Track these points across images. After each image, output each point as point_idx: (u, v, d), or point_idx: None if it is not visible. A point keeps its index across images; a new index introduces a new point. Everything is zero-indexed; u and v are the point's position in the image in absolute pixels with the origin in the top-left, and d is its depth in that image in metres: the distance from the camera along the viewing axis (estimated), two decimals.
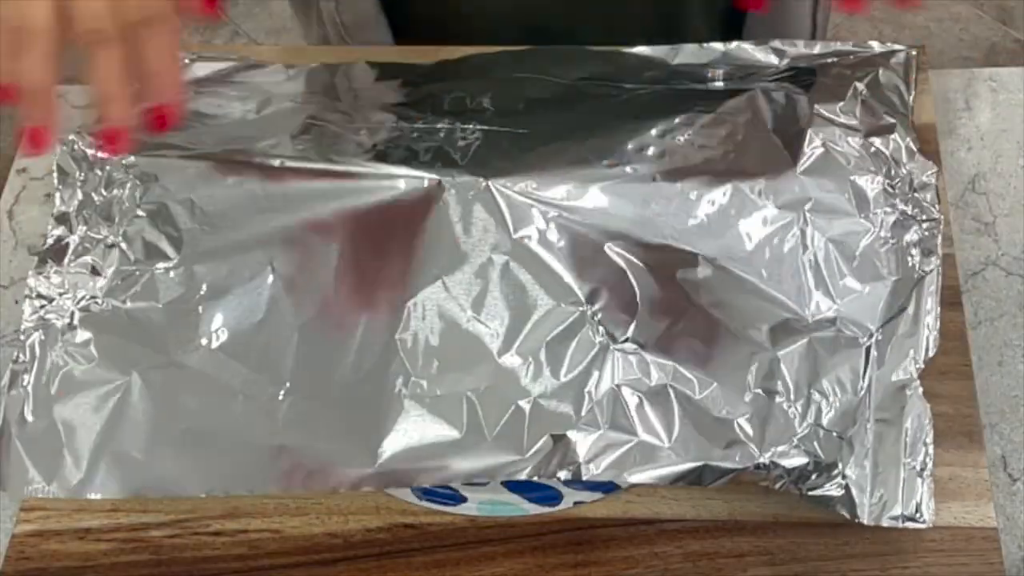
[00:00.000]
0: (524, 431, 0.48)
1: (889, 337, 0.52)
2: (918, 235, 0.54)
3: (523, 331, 0.50)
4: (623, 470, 0.48)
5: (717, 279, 0.52)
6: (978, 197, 0.62)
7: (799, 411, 0.49)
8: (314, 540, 0.51)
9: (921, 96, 0.63)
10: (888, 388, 0.51)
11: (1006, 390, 0.55)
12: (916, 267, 0.53)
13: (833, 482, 0.48)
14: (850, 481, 0.48)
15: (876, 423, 0.50)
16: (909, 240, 0.54)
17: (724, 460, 0.48)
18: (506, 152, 0.55)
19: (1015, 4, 1.74)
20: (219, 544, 0.51)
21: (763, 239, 0.53)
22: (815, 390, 0.50)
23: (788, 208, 0.54)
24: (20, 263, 0.63)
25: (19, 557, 0.51)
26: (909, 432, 0.50)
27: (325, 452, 0.49)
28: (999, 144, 0.64)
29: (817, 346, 0.51)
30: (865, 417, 0.49)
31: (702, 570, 0.49)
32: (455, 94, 0.60)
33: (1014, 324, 0.57)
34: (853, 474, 0.48)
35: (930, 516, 0.48)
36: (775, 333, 0.51)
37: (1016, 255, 0.59)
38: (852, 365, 0.50)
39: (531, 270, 0.51)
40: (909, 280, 0.53)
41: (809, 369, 0.50)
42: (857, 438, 0.49)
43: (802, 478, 0.48)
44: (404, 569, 0.50)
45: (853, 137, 0.56)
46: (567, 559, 0.50)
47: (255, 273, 0.52)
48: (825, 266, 0.53)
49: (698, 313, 0.51)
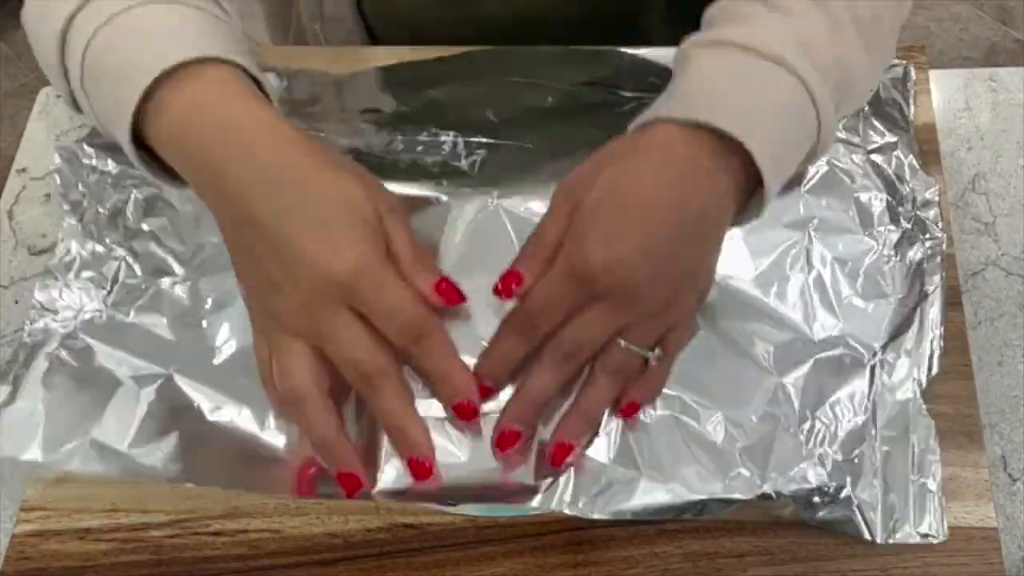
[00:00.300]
0: (532, 460, 0.48)
1: (894, 356, 0.52)
2: (921, 254, 0.54)
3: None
4: (625, 504, 0.47)
5: (722, 299, 0.52)
6: (978, 197, 0.62)
7: (804, 436, 0.49)
8: (314, 540, 0.51)
9: (921, 96, 0.63)
10: (893, 407, 0.51)
11: (1006, 390, 0.55)
12: (920, 285, 0.53)
13: (841, 505, 0.48)
14: (861, 503, 0.48)
15: (883, 442, 0.50)
16: (912, 258, 0.54)
17: (728, 492, 0.48)
18: (513, 168, 0.54)
19: (1015, 4, 1.74)
20: (219, 544, 0.51)
21: (769, 259, 0.53)
22: (820, 413, 0.50)
23: (793, 227, 0.54)
24: (20, 263, 0.63)
25: (19, 557, 0.51)
26: (916, 449, 0.50)
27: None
28: (999, 144, 0.64)
29: (822, 367, 0.51)
30: (872, 436, 0.49)
31: (702, 570, 0.49)
32: (456, 101, 0.60)
33: (1014, 324, 0.57)
34: (864, 495, 0.48)
35: (944, 532, 0.48)
36: (780, 355, 0.51)
37: (1016, 255, 0.59)
38: (857, 385, 0.50)
39: None
40: (913, 298, 0.53)
41: (815, 392, 0.50)
42: (865, 458, 0.49)
43: (810, 505, 0.48)
44: (404, 569, 0.50)
45: (856, 154, 0.56)
46: (567, 559, 0.50)
47: None
48: (831, 285, 0.53)
49: (704, 336, 0.51)
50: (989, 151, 0.64)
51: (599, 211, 0.44)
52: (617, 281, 0.43)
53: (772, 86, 0.44)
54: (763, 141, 0.44)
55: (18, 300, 0.61)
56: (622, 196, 0.44)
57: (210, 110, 0.44)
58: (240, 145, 0.44)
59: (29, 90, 1.76)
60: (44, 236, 0.64)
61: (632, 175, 0.44)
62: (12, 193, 0.66)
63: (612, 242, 0.43)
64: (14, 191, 0.66)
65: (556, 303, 0.45)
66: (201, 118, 0.44)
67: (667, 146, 0.44)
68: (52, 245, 0.64)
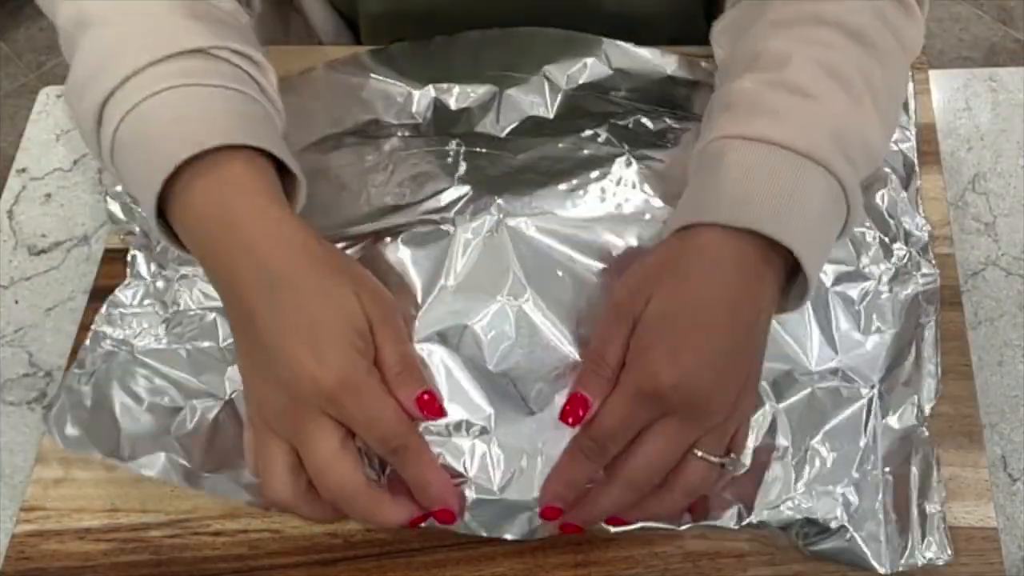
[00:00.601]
0: (534, 483, 0.47)
1: (891, 387, 0.52)
2: (915, 289, 0.54)
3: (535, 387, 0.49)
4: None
5: None
6: (978, 197, 0.62)
7: (795, 468, 0.49)
8: (314, 540, 0.51)
9: (921, 96, 0.63)
10: (893, 437, 0.51)
11: (1006, 390, 0.55)
12: (916, 319, 0.54)
13: (835, 536, 0.48)
14: (863, 534, 0.48)
15: (884, 472, 0.49)
16: (907, 294, 0.54)
17: (716, 520, 0.48)
18: (520, 192, 0.54)
19: (1015, 4, 1.74)
20: (219, 544, 0.51)
21: None
22: (815, 443, 0.49)
23: None
24: (20, 263, 0.63)
25: (19, 557, 0.51)
26: (916, 476, 0.49)
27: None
28: (999, 144, 0.64)
29: (820, 397, 0.51)
30: (872, 467, 0.49)
31: (702, 570, 0.49)
32: (460, 108, 0.60)
33: (1014, 324, 0.57)
34: (867, 526, 0.48)
35: (949, 553, 0.48)
36: (778, 385, 0.51)
37: (1016, 255, 0.59)
38: (854, 416, 0.50)
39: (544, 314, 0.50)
40: (909, 332, 0.53)
41: (811, 422, 0.50)
42: (865, 489, 0.49)
43: (800, 535, 0.48)
44: (404, 569, 0.50)
45: None
46: (567, 559, 0.50)
47: None
48: (829, 317, 0.53)
49: None
50: (989, 151, 0.64)
51: (660, 328, 0.44)
52: (686, 396, 0.43)
53: (812, 186, 0.45)
54: (808, 243, 0.45)
55: (18, 300, 0.62)
56: (680, 311, 0.44)
57: (222, 205, 0.45)
58: (243, 243, 0.44)
59: (29, 90, 1.77)
60: (44, 236, 0.64)
61: (687, 289, 0.45)
62: (12, 193, 0.66)
63: (677, 358, 0.43)
64: (14, 191, 0.66)
65: (627, 424, 0.44)
66: (213, 211, 0.45)
67: (717, 256, 0.45)
68: (52, 245, 0.64)
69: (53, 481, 0.53)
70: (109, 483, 0.53)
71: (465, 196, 0.54)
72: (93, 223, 0.65)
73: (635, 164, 0.55)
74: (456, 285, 0.51)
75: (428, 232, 0.52)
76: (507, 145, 0.58)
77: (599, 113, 0.60)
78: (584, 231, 0.52)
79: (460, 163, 0.57)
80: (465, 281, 0.51)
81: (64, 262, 0.63)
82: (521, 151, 0.57)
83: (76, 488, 0.53)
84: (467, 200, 0.54)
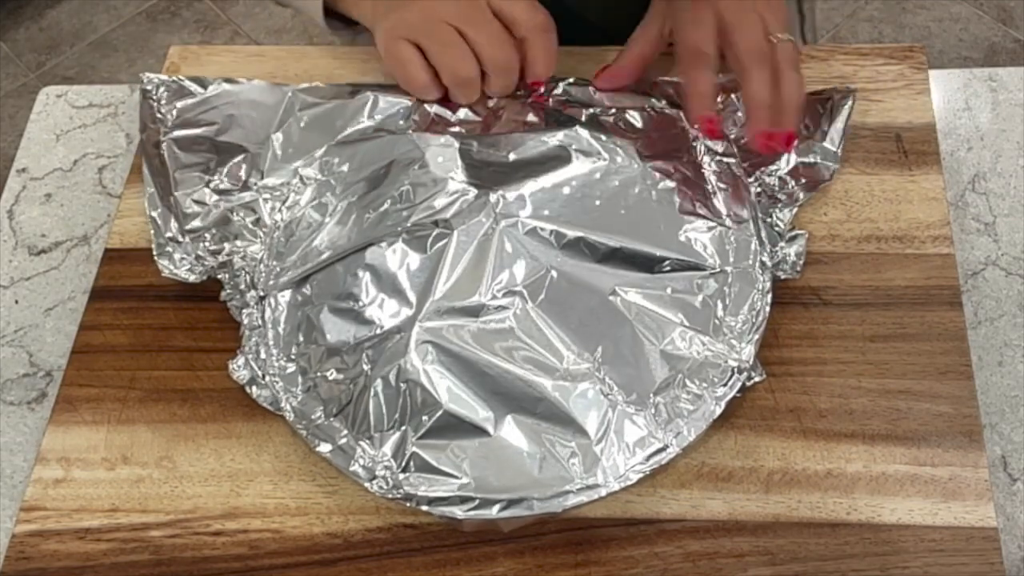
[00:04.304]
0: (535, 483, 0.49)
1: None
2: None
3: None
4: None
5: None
6: (978, 197, 0.62)
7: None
8: (314, 540, 0.51)
9: (921, 96, 0.63)
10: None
11: (1006, 390, 0.55)
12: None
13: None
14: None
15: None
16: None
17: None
18: (514, 189, 0.55)
19: (1015, 4, 1.74)
20: (219, 544, 0.51)
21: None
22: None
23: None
24: (20, 263, 0.63)
25: (19, 557, 0.51)
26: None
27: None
28: (999, 144, 0.64)
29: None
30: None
31: (702, 570, 0.49)
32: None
33: (1014, 324, 0.57)
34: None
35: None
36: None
37: (1016, 255, 0.59)
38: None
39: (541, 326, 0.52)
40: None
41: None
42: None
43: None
44: (404, 569, 0.50)
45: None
46: (567, 559, 0.50)
47: None
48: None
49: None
50: (989, 151, 0.64)
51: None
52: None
53: None
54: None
55: (18, 300, 0.62)
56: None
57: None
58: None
59: (29, 90, 1.77)
60: (44, 236, 0.64)
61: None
62: (12, 193, 0.66)
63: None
64: (14, 191, 0.66)
65: (705, 28, 0.56)
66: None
67: None
68: (52, 245, 0.64)
69: (53, 481, 0.53)
70: (109, 483, 0.53)
71: (459, 193, 0.55)
72: (93, 223, 0.65)
73: (623, 149, 0.57)
74: (450, 288, 0.52)
75: (424, 234, 0.54)
76: (500, 142, 0.59)
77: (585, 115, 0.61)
78: (578, 226, 0.54)
79: (456, 161, 0.57)
80: (458, 283, 0.52)
81: (64, 262, 0.63)
82: (513, 148, 0.58)
83: (76, 488, 0.53)
84: (462, 198, 0.55)
